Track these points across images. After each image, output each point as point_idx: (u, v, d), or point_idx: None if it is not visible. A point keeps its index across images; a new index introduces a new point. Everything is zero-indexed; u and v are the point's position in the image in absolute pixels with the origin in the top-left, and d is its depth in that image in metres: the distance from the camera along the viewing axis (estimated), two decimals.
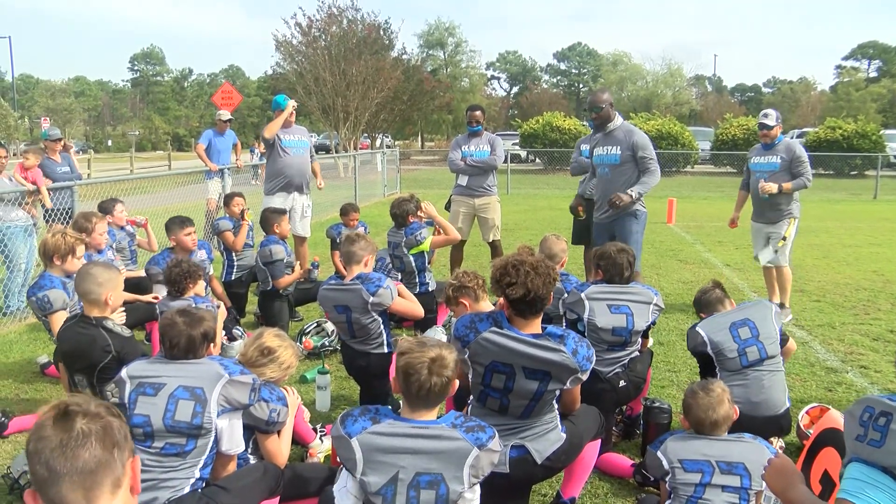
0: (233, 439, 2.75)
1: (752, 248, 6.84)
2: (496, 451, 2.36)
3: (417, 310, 4.23)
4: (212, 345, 2.94)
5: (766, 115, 6.36)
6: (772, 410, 3.57)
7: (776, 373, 3.64)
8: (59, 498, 1.39)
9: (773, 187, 6.16)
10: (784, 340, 3.81)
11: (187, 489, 2.60)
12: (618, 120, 5.81)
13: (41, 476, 1.39)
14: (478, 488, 2.38)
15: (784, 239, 6.30)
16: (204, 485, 2.68)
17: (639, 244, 5.85)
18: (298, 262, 6.71)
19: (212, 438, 2.66)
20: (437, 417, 2.41)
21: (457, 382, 2.45)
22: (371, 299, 3.97)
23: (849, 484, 1.85)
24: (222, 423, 2.68)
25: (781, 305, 6.41)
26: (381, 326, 4.10)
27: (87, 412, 1.45)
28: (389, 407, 2.50)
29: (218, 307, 4.33)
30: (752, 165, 6.50)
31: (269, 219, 5.99)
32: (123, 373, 2.75)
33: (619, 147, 5.71)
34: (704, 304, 3.99)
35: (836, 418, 3.35)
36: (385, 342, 4.15)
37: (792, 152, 6.25)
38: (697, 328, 3.75)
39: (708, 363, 3.72)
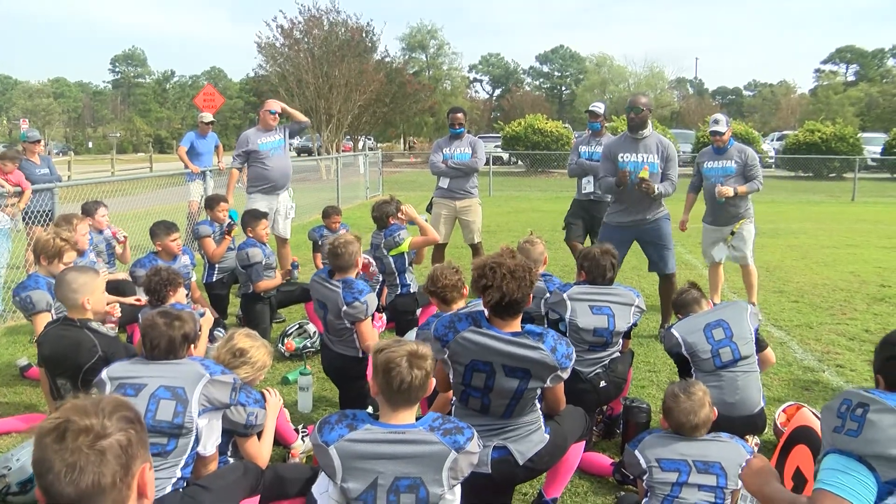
0: (208, 440, 2.75)
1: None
2: (474, 453, 2.37)
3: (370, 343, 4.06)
4: (192, 346, 2.94)
5: (716, 122, 6.44)
6: (746, 410, 3.61)
7: (750, 373, 3.67)
8: None
9: (729, 191, 6.29)
10: (762, 347, 3.85)
11: (169, 489, 2.60)
12: (650, 127, 5.90)
13: (44, 490, 1.39)
14: (458, 489, 2.39)
15: (733, 234, 6.47)
16: (185, 484, 2.68)
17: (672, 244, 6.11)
18: (279, 265, 6.69)
19: (193, 438, 2.66)
20: (416, 419, 2.42)
21: (433, 381, 2.47)
22: (344, 308, 3.98)
23: (824, 474, 1.87)
24: (202, 422, 2.69)
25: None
26: (353, 334, 4.09)
27: (89, 431, 1.38)
28: (368, 411, 2.50)
29: (203, 314, 4.31)
30: (706, 170, 6.59)
31: (245, 223, 5.98)
32: (104, 374, 2.75)
33: (655, 156, 5.77)
34: (681, 305, 4.06)
35: (808, 416, 3.42)
36: (358, 346, 4.14)
37: (745, 157, 6.38)
38: (672, 329, 3.80)
39: (684, 363, 3.76)
